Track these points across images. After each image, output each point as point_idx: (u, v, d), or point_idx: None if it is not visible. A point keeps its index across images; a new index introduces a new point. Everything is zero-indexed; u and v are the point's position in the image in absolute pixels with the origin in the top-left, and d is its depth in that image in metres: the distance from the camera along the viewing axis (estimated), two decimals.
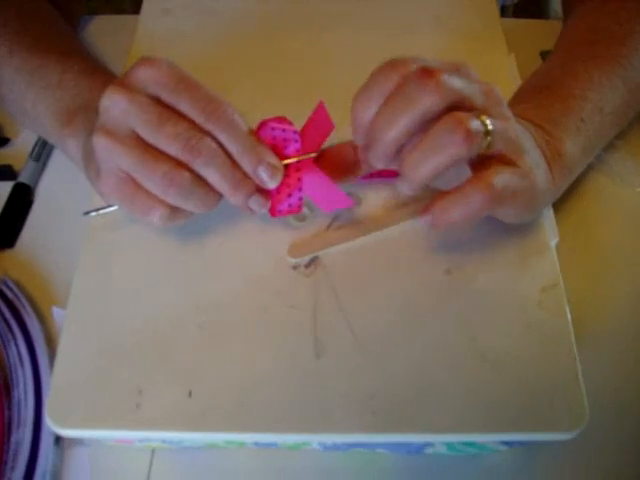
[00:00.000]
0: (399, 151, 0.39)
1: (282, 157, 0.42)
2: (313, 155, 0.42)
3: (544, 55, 0.64)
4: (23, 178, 0.56)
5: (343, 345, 0.41)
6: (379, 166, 0.40)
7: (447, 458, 0.45)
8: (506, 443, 0.43)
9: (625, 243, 0.52)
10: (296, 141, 0.42)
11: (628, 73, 0.49)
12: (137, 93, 0.39)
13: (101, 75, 0.49)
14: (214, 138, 0.39)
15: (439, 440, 0.41)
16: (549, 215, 0.46)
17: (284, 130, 0.41)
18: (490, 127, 0.37)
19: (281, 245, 0.44)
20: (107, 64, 0.51)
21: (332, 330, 0.41)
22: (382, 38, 0.58)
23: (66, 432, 0.38)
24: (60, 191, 0.56)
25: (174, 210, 0.41)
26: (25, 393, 0.45)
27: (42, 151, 0.58)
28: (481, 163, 0.39)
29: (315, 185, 0.42)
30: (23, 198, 0.55)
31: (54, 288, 0.51)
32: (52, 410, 0.38)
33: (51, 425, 0.38)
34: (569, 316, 0.42)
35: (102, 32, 0.65)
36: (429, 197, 0.41)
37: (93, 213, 0.44)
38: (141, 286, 0.43)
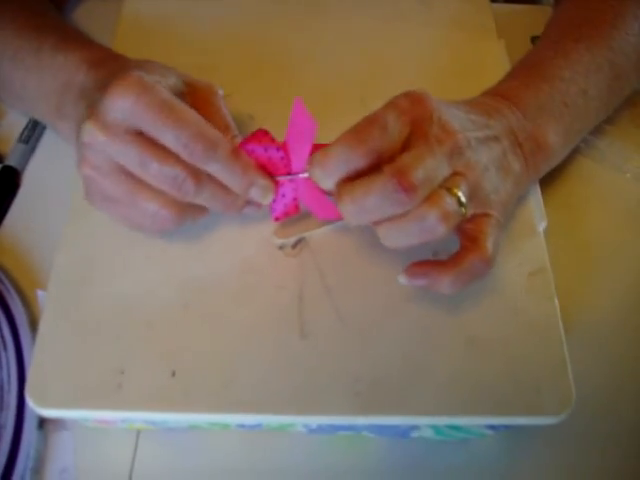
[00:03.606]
0: None
1: (271, 174, 0.42)
2: (305, 175, 0.41)
3: (535, 41, 0.63)
4: (11, 161, 0.55)
5: (329, 326, 0.41)
6: None
7: (433, 442, 0.44)
8: (492, 427, 0.43)
9: (614, 228, 0.52)
10: (282, 158, 0.41)
11: (616, 57, 0.49)
12: (115, 131, 0.38)
13: (75, 47, 0.48)
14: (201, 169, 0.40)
15: (424, 422, 0.40)
16: (537, 199, 0.46)
17: (266, 149, 0.41)
18: (463, 199, 0.38)
19: (267, 225, 0.44)
20: None
21: (318, 311, 0.41)
22: (369, 24, 0.58)
23: (47, 412, 0.38)
24: (48, 175, 0.55)
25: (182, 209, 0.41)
26: (8, 377, 0.44)
27: (32, 134, 0.57)
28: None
29: (309, 195, 0.42)
30: (10, 181, 0.55)
31: (38, 272, 0.50)
32: (33, 390, 0.38)
33: (31, 405, 0.38)
34: (557, 301, 0.42)
35: (90, 15, 0.64)
36: None
37: None
38: (124, 266, 0.43)
